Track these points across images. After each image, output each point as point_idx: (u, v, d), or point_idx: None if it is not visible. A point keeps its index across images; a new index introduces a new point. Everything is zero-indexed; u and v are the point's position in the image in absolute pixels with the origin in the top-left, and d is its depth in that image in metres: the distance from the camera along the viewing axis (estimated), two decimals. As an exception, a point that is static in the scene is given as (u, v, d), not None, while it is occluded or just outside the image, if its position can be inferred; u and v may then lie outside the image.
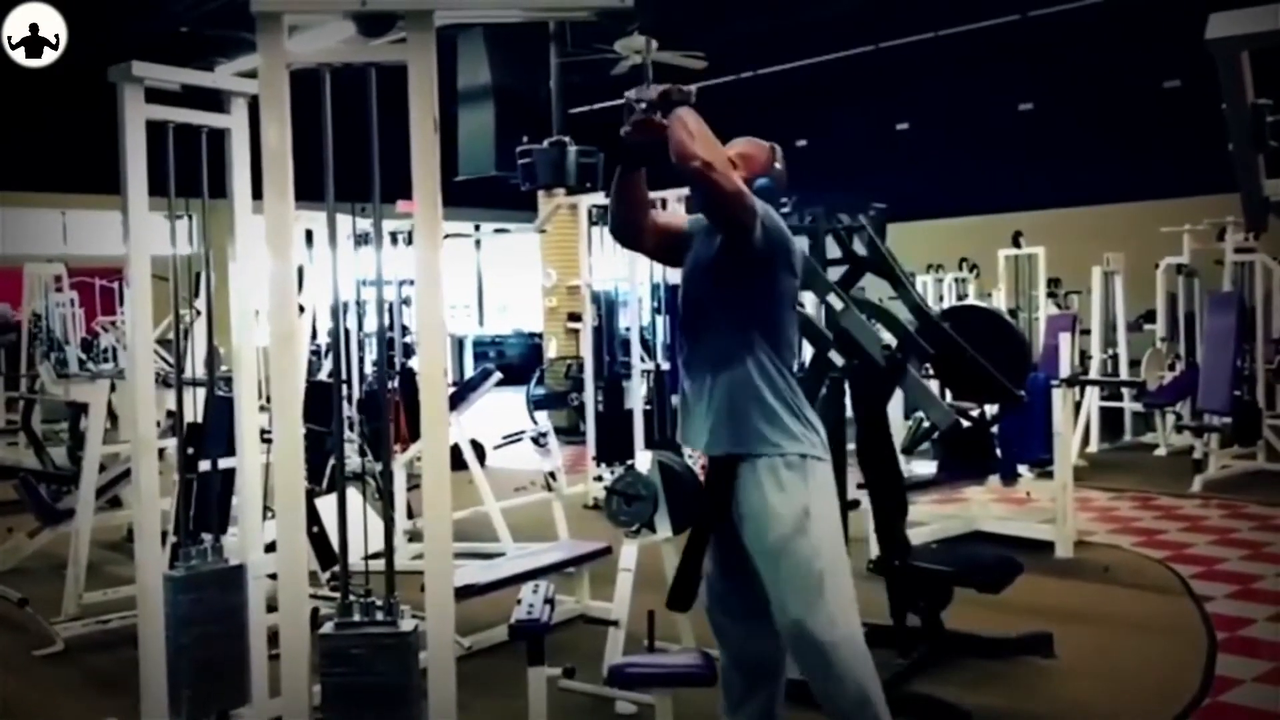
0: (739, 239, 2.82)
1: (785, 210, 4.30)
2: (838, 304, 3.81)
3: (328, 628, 2.58)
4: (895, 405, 5.58)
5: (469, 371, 14.13)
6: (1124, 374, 9.92)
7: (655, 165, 2.91)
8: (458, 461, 5.47)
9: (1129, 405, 10.00)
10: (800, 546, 2.75)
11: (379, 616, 2.57)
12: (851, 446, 4.10)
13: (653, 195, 7.20)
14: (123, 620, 4.51)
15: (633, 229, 3.01)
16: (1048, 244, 10.49)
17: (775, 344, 2.87)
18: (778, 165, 3.12)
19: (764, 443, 2.80)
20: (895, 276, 4.38)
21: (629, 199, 2.94)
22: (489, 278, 19.30)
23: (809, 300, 4.48)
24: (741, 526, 2.84)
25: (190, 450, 3.90)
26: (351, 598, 2.60)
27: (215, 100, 3.70)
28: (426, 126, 2.75)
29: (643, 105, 2.88)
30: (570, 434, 9.70)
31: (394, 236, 7.07)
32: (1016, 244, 10.64)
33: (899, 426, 6.13)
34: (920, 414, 6.30)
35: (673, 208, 7.16)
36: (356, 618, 2.59)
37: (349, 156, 2.80)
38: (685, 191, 7.20)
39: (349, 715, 2.51)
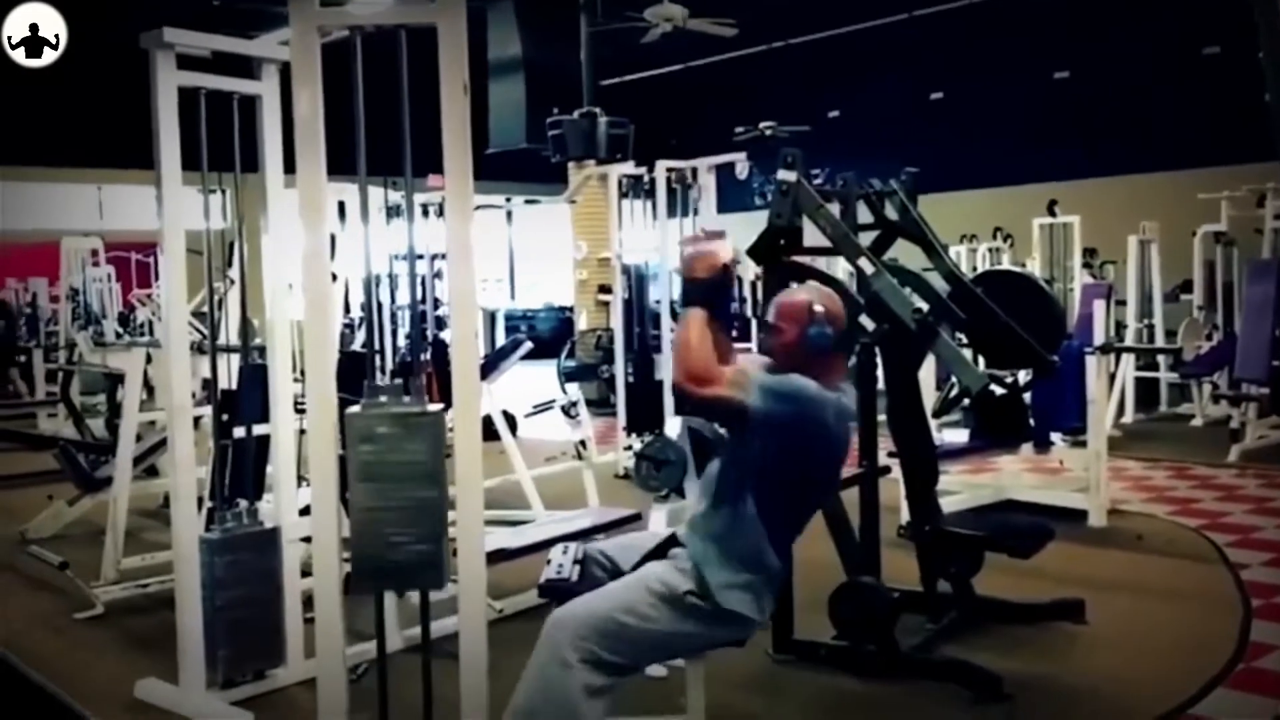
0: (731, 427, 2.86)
1: (818, 180, 4.28)
2: (869, 268, 3.79)
3: (353, 409, 2.67)
4: (928, 372, 5.55)
5: (500, 343, 14.16)
6: (1160, 344, 9.82)
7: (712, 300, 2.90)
8: (489, 432, 5.50)
9: (1165, 376, 9.91)
10: (641, 590, 2.73)
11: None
12: (882, 418, 4.09)
13: (680, 164, 7.22)
14: (161, 584, 4.58)
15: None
16: (1083, 214, 10.37)
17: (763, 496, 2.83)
18: (818, 308, 2.94)
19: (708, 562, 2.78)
20: (928, 241, 4.35)
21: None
22: (521, 252, 19.29)
23: (841, 265, 4.46)
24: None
25: (225, 417, 3.95)
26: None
27: (246, 69, 3.73)
28: (457, 90, 2.76)
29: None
30: (601, 406, 9.72)
31: (425, 209, 7.08)
32: (1051, 213, 10.53)
33: (931, 396, 6.11)
34: (952, 380, 6.28)
35: (703, 178, 7.13)
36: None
37: (380, 131, 2.81)
38: (714, 160, 7.17)
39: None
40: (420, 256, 6.59)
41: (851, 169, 4.36)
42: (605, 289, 11.16)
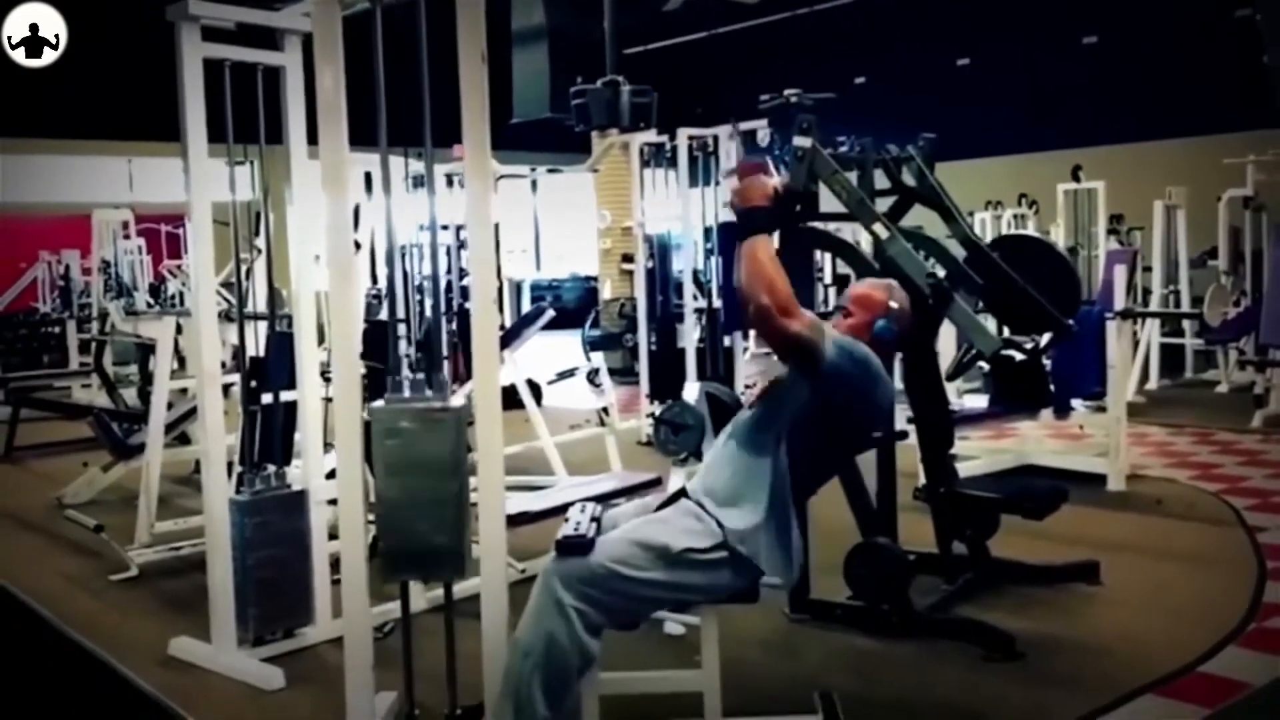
0: (802, 368, 2.86)
1: (841, 148, 4.30)
2: (884, 233, 3.82)
3: (378, 403, 2.77)
4: (947, 337, 5.56)
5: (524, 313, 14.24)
6: (1185, 310, 9.77)
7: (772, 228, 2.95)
8: (513, 400, 5.58)
9: (1190, 342, 9.87)
10: (643, 542, 2.76)
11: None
12: (899, 386, 4.13)
13: (701, 132, 7.25)
14: (193, 547, 4.69)
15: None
16: (1109, 180, 10.31)
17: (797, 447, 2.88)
18: (893, 304, 3.09)
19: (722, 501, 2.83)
20: (944, 207, 4.36)
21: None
22: (546, 223, 19.36)
23: (856, 230, 4.48)
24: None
25: (253, 384, 4.04)
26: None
27: (270, 41, 3.79)
28: (475, 59, 2.80)
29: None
30: (624, 374, 9.79)
31: (450, 179, 7.13)
32: (1076, 178, 10.47)
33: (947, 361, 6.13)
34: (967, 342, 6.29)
35: (724, 145, 7.16)
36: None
37: (402, 102, 2.86)
38: (729, 128, 7.18)
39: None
40: (445, 227, 6.65)
41: (878, 136, 4.37)
42: (628, 258, 11.19)
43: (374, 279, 7.35)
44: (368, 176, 6.39)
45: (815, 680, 3.37)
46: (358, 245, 5.35)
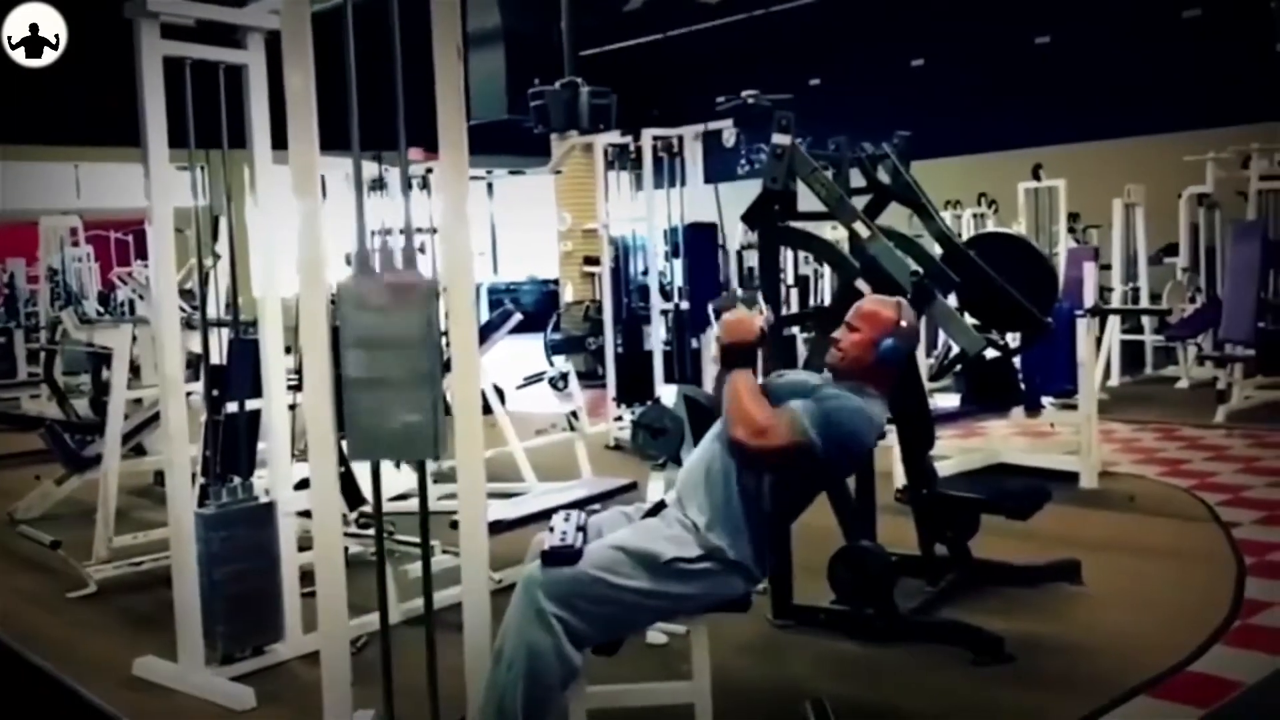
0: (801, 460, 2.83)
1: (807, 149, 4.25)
2: (864, 232, 3.77)
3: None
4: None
5: (484, 319, 14.11)
6: (1145, 306, 9.85)
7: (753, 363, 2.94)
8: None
9: (1150, 339, 9.95)
10: (629, 549, 2.71)
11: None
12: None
13: (667, 132, 7.18)
14: (155, 561, 4.55)
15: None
16: (1069, 179, 10.36)
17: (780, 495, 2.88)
18: (904, 323, 3.05)
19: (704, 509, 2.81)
20: (920, 204, 4.34)
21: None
22: (502, 225, 19.20)
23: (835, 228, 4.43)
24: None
25: (215, 392, 3.92)
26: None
27: (232, 40, 3.67)
28: (450, 52, 2.71)
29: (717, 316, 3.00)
30: (588, 378, 9.69)
31: (410, 182, 7.00)
32: (1036, 177, 10.52)
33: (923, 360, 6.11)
34: (947, 343, 6.28)
35: (689, 144, 7.10)
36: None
37: (361, 104, 2.76)
38: (700, 128, 7.13)
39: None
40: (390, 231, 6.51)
41: (835, 138, 4.33)
42: (590, 260, 11.12)
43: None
44: (322, 180, 6.25)
45: (803, 688, 3.32)
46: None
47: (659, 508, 2.94)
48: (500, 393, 6.68)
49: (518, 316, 6.37)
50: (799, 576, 3.86)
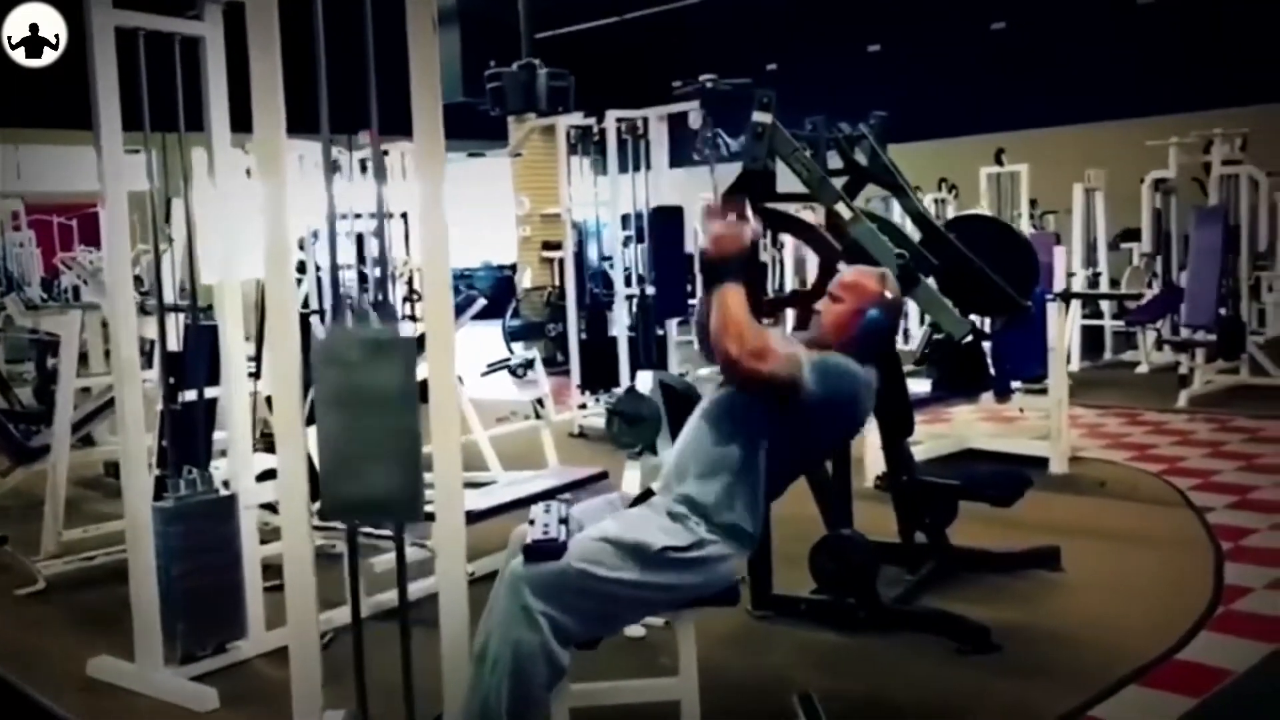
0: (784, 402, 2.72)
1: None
2: (846, 213, 3.68)
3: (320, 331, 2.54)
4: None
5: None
6: (1112, 291, 9.90)
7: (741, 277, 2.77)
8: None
9: (1110, 324, 9.99)
10: (617, 540, 2.60)
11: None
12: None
13: (631, 114, 7.05)
14: (108, 556, 4.39)
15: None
16: (1031, 164, 10.39)
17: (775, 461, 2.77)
18: (888, 294, 2.98)
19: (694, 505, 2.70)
20: (898, 186, 4.27)
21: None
22: (456, 210, 18.96)
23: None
24: None
25: (171, 380, 3.75)
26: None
27: (189, 12, 3.51)
28: (425, 26, 2.59)
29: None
30: (549, 365, 9.56)
31: (364, 165, 6.83)
32: (999, 162, 10.52)
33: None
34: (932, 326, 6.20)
35: (654, 126, 6.98)
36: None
37: (303, 88, 2.63)
38: (665, 110, 7.01)
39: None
40: (359, 216, 6.34)
41: (792, 122, 4.24)
42: (549, 245, 10.97)
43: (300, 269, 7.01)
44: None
45: (787, 679, 3.25)
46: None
47: (646, 495, 2.83)
48: (459, 379, 6.54)
49: (482, 301, 6.23)
50: (777, 566, 3.78)
